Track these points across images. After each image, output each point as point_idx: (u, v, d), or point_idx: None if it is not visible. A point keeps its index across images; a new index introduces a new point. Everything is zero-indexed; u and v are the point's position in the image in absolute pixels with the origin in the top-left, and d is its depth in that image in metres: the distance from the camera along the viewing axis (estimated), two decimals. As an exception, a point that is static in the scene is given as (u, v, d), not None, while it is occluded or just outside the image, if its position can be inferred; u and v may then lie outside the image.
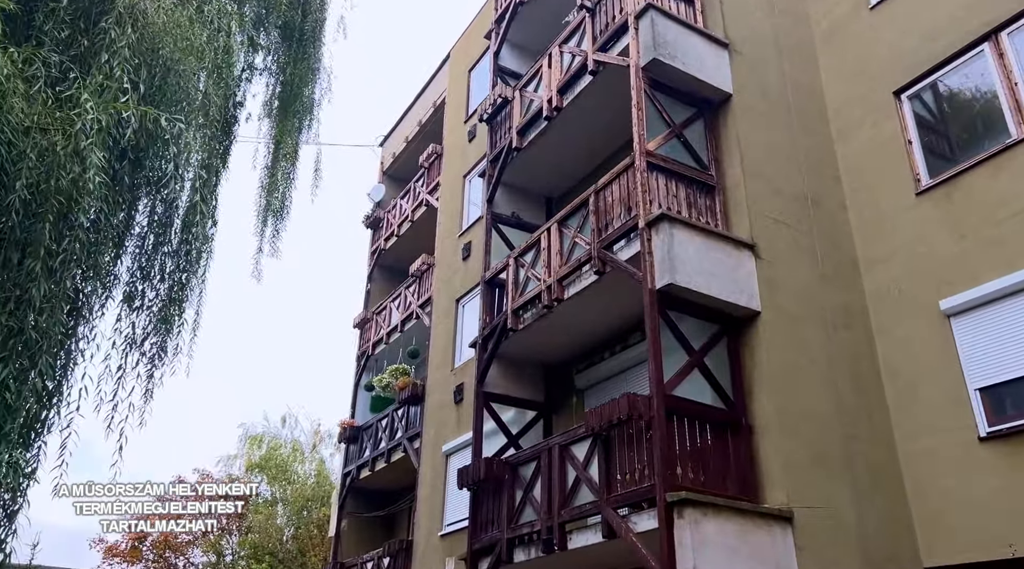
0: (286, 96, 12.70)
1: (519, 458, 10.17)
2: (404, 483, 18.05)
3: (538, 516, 9.37)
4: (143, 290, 7.42)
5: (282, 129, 12.39)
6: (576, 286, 10.09)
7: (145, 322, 7.36)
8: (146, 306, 7.42)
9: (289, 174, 13.37)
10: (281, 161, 13.24)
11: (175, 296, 7.61)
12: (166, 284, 7.55)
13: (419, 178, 20.11)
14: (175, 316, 7.51)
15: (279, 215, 13.28)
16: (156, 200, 7.60)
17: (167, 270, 7.60)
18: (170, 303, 7.51)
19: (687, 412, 8.29)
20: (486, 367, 11.63)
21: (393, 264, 21.61)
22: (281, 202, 13.34)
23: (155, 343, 7.39)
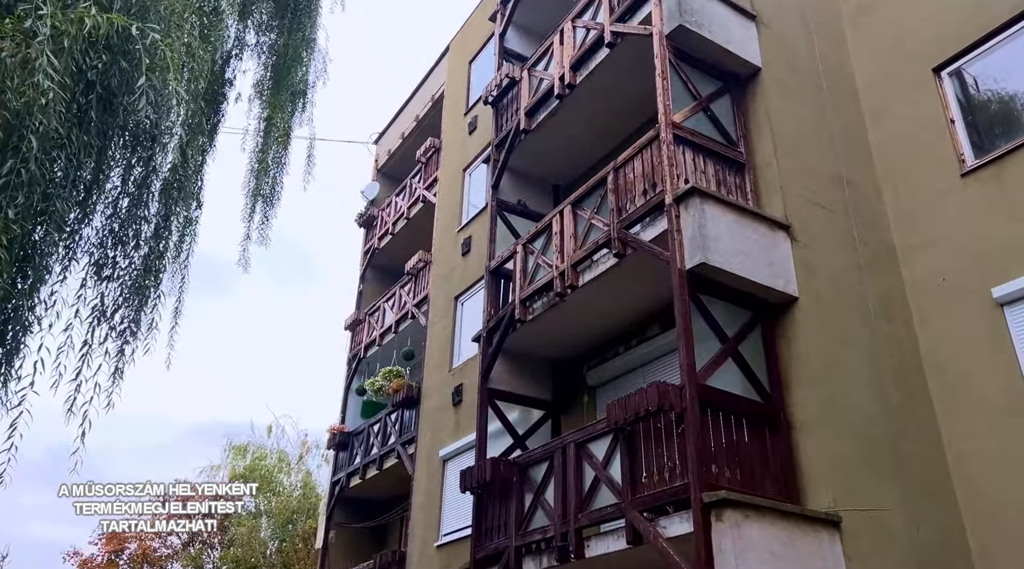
0: (279, 75, 11.87)
1: (529, 458, 9.31)
2: (397, 492, 17.12)
3: (551, 521, 8.50)
4: (114, 258, 6.55)
5: (274, 108, 11.57)
6: (592, 272, 9.28)
7: (116, 293, 6.48)
8: (117, 275, 6.55)
9: (280, 158, 12.52)
10: (272, 144, 12.41)
11: (151, 266, 6.74)
12: (141, 251, 6.69)
13: (416, 174, 19.31)
14: (150, 287, 6.65)
15: (269, 201, 12.41)
16: (133, 158, 6.74)
17: (143, 236, 6.74)
18: (145, 272, 6.65)
19: (721, 404, 7.46)
20: (491, 362, 10.77)
21: (386, 264, 20.78)
22: (271, 187, 12.48)
23: (127, 316, 6.51)
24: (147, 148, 6.70)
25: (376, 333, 18.67)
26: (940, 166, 9.21)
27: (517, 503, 9.16)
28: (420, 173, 19.01)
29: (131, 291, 6.55)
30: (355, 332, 20.05)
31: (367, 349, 19.07)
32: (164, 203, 7.00)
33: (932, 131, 9.48)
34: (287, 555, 27.75)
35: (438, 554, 13.17)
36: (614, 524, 7.98)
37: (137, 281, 6.55)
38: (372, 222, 21.17)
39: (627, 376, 10.54)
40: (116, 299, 6.47)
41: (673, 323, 9.64)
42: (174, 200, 7.04)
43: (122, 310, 6.46)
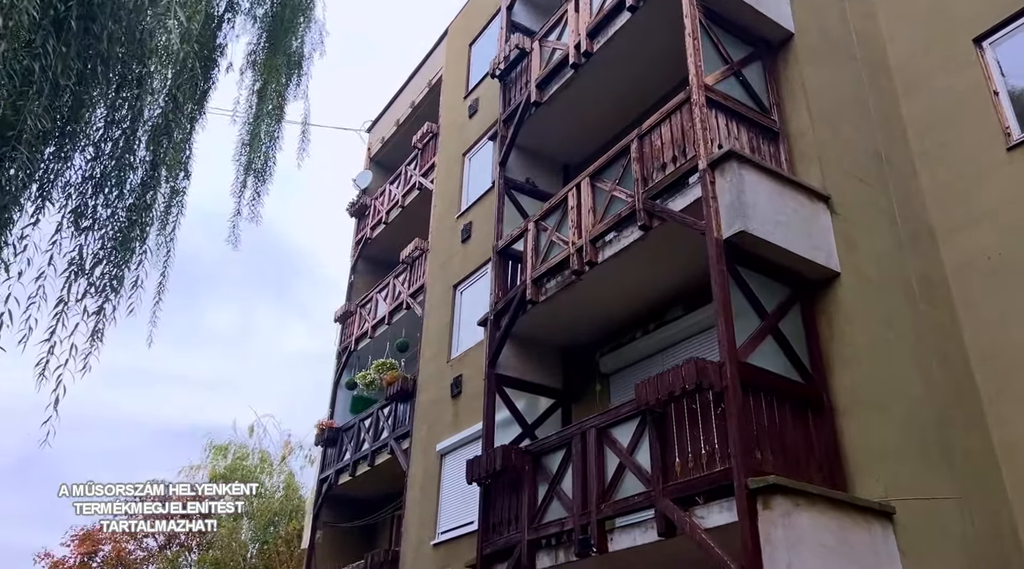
0: (274, 40, 11.16)
1: (543, 446, 8.62)
2: (388, 490, 16.37)
3: (569, 513, 7.82)
4: (95, 207, 5.82)
5: (270, 71, 10.84)
6: (613, 247, 8.63)
7: (96, 246, 5.75)
8: (98, 226, 5.82)
9: (273, 132, 11.76)
10: (265, 117, 11.68)
11: (137, 218, 6.01)
12: (126, 201, 5.96)
13: (411, 161, 18.63)
14: (135, 241, 5.92)
15: (261, 176, 11.64)
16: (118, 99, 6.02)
17: (129, 185, 6.01)
18: (130, 225, 5.92)
19: (762, 384, 6.82)
20: (499, 346, 10.09)
21: (378, 255, 20.06)
22: (264, 162, 11.73)
23: (108, 272, 5.78)
24: (133, 86, 5.99)
25: (368, 325, 17.94)
26: (983, 141, 8.62)
27: (530, 494, 8.47)
28: (416, 159, 18.33)
29: (114, 244, 5.81)
30: (345, 324, 19.31)
31: (358, 342, 18.33)
32: (152, 150, 6.28)
33: (973, 104, 8.91)
34: (269, 558, 26.82)
35: (435, 553, 12.44)
36: (639, 515, 7.33)
37: (121, 233, 5.82)
38: (364, 211, 20.45)
39: (644, 362, 9.88)
40: (96, 253, 5.75)
41: (698, 303, 9.09)
42: (163, 149, 6.32)
43: (103, 265, 5.73)
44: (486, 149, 15.51)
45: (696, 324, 9.21)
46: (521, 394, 10.43)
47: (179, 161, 8.10)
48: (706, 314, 9.04)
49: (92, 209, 5.80)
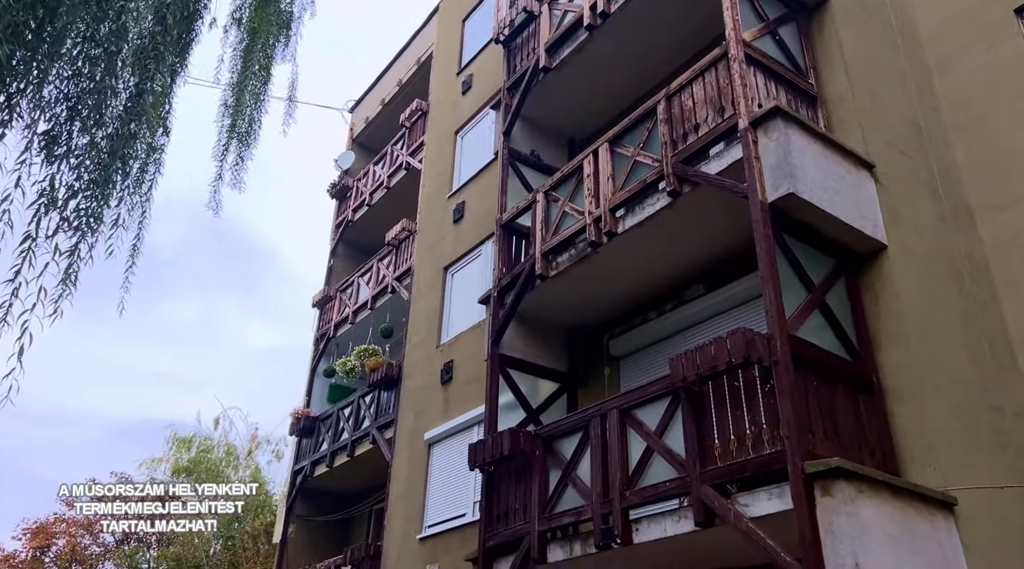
0: (261, 0, 10.35)
1: (556, 429, 7.92)
2: (368, 482, 15.57)
3: (587, 502, 7.13)
4: (71, 132, 5.01)
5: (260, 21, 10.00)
6: (636, 216, 7.97)
7: (71, 177, 4.94)
8: (74, 156, 5.01)
9: (259, 95, 10.94)
10: (251, 78, 10.84)
11: (119, 149, 5.21)
12: (107, 130, 5.15)
13: (398, 140, 17.84)
14: (116, 174, 5.12)
15: (245, 141, 10.79)
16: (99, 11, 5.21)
17: (109, 112, 5.21)
18: (111, 156, 5.11)
19: (812, 360, 6.19)
20: (504, 324, 9.37)
21: (360, 238, 19.25)
22: (248, 126, 10.87)
23: (84, 208, 4.97)
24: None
25: (349, 310, 17.11)
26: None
27: (540, 482, 7.77)
28: (404, 138, 17.55)
29: (92, 177, 5.01)
30: (324, 310, 18.45)
31: (337, 328, 17.49)
32: (138, 74, 5.47)
33: (1014, 77, 8.43)
34: (235, 554, 25.77)
35: (421, 547, 11.68)
36: (668, 504, 6.68)
37: (101, 165, 5.01)
38: (346, 193, 19.61)
39: (658, 346, 9.24)
40: (71, 185, 4.92)
41: (722, 281, 8.48)
42: (150, 73, 5.52)
43: (79, 199, 4.91)
44: (480, 126, 14.81)
45: (718, 304, 8.59)
46: (523, 378, 9.71)
47: (159, 115, 7.32)
48: (730, 293, 8.45)
49: (67, 135, 4.99)
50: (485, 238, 13.13)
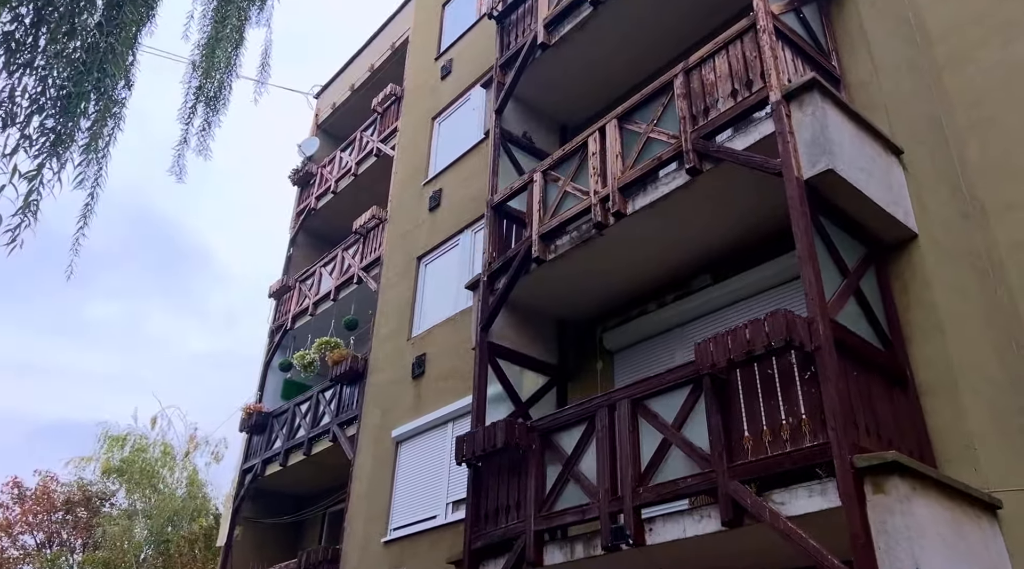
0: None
1: (555, 422, 7.31)
2: (324, 483, 14.72)
3: (593, 499, 6.53)
4: (36, 39, 4.24)
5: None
6: (648, 195, 7.44)
7: (35, 90, 4.17)
8: (41, 67, 4.24)
9: (231, 59, 10.16)
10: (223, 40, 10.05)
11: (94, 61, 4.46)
12: (76, 42, 4.39)
13: (369, 126, 17.11)
14: (90, 87, 4.36)
15: (213, 105, 10.00)
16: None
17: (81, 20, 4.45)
18: (86, 68, 4.36)
19: (851, 348, 5.72)
20: (495, 310, 8.74)
21: (322, 227, 18.43)
22: (217, 89, 10.09)
23: (52, 127, 4.20)
24: None
25: (309, 301, 16.25)
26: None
27: (537, 477, 7.14)
28: (375, 124, 16.83)
29: (60, 92, 4.24)
30: (281, 301, 17.53)
31: (296, 319, 16.61)
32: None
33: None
34: (169, 559, 24.40)
35: (386, 551, 10.92)
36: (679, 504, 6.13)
37: (72, 79, 4.25)
38: (309, 180, 18.75)
39: (656, 339, 8.73)
40: (35, 97, 4.15)
41: (732, 271, 8.02)
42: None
43: (44, 115, 4.14)
44: (460, 113, 14.20)
45: (725, 295, 8.12)
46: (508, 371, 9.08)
47: (121, 66, 6.54)
48: (740, 284, 7.99)
49: (31, 41, 4.22)
50: (464, 227, 12.52)
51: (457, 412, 10.87)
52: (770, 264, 7.70)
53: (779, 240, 7.69)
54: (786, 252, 7.60)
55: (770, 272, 7.71)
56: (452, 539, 9.93)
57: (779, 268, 7.64)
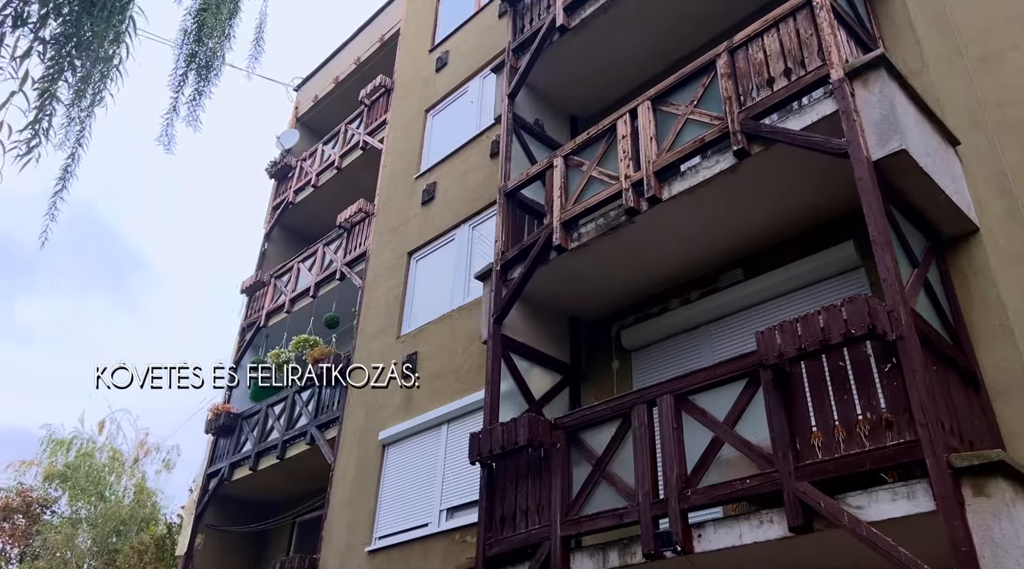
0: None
1: (583, 419, 6.74)
2: (296, 489, 13.91)
3: (631, 502, 5.97)
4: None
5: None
6: (687, 180, 6.96)
7: None
8: None
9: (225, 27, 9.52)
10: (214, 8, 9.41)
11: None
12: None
13: (355, 118, 16.47)
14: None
15: (204, 75, 9.33)
16: None
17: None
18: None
19: (930, 341, 5.27)
20: (510, 300, 8.16)
21: (299, 224, 17.72)
22: (209, 58, 9.44)
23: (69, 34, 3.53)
24: None
25: (285, 298, 15.47)
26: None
27: (563, 478, 6.56)
28: (361, 117, 16.19)
29: None
30: (253, 298, 16.69)
31: (270, 317, 15.80)
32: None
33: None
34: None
35: (371, 561, 10.19)
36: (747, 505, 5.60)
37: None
38: (287, 173, 18.00)
39: (680, 338, 8.23)
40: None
41: (766, 266, 7.57)
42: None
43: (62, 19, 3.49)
44: (456, 106, 13.68)
45: (757, 293, 7.66)
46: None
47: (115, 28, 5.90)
48: (772, 281, 7.55)
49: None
50: (461, 221, 11.95)
51: (454, 413, 10.24)
52: (807, 260, 7.28)
53: (818, 234, 7.30)
54: (823, 248, 7.21)
55: (806, 268, 7.28)
56: (446, 548, 9.29)
57: (816, 264, 7.23)
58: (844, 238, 7.05)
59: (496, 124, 12.16)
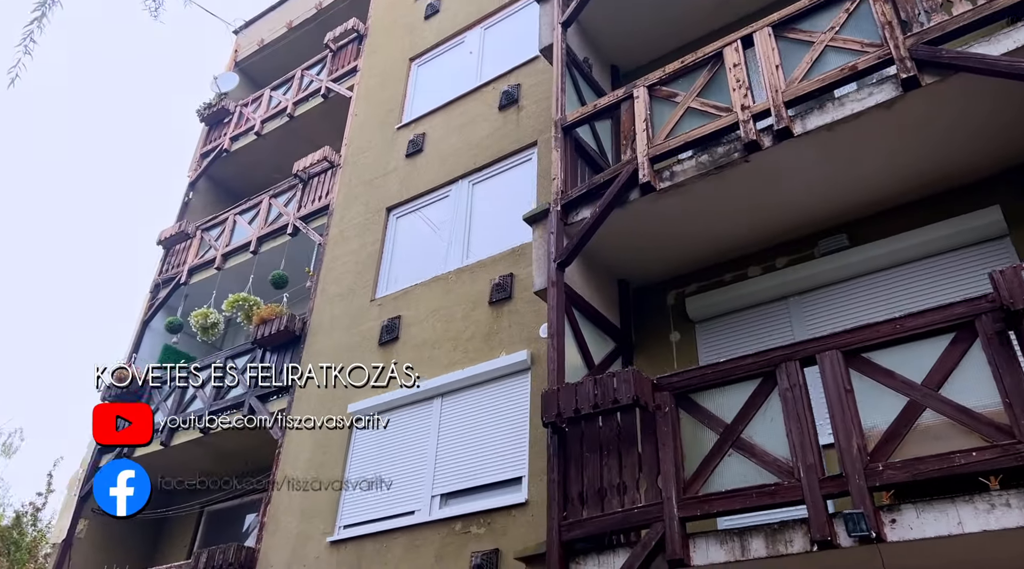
0: None
1: (703, 378, 5.49)
2: (214, 472, 11.80)
3: (787, 478, 4.77)
4: None
5: None
6: (827, 113, 5.94)
7: None
8: None
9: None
10: None
11: None
12: None
13: (315, 64, 14.74)
14: None
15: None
16: None
17: None
18: None
19: None
20: (580, 243, 6.84)
21: (233, 176, 15.75)
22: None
23: None
24: None
25: (216, 253, 13.46)
26: None
27: (676, 449, 5.29)
28: (324, 62, 14.49)
29: None
30: (172, 251, 14.47)
31: (193, 273, 13.69)
32: None
33: None
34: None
35: (334, 553, 8.50)
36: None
37: None
38: (223, 118, 15.91)
39: (758, 310, 7.19)
40: None
41: (879, 232, 6.66)
42: None
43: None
44: (451, 55, 12.37)
45: (861, 263, 6.73)
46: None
47: None
48: (883, 250, 6.65)
49: None
50: (458, 177, 10.58)
51: (451, 386, 8.77)
52: (936, 226, 6.42)
53: (950, 198, 6.48)
54: (954, 214, 6.39)
55: (934, 236, 6.41)
56: (443, 540, 7.78)
57: (949, 231, 6.36)
58: (982, 204, 6.25)
59: (504, 75, 10.99)
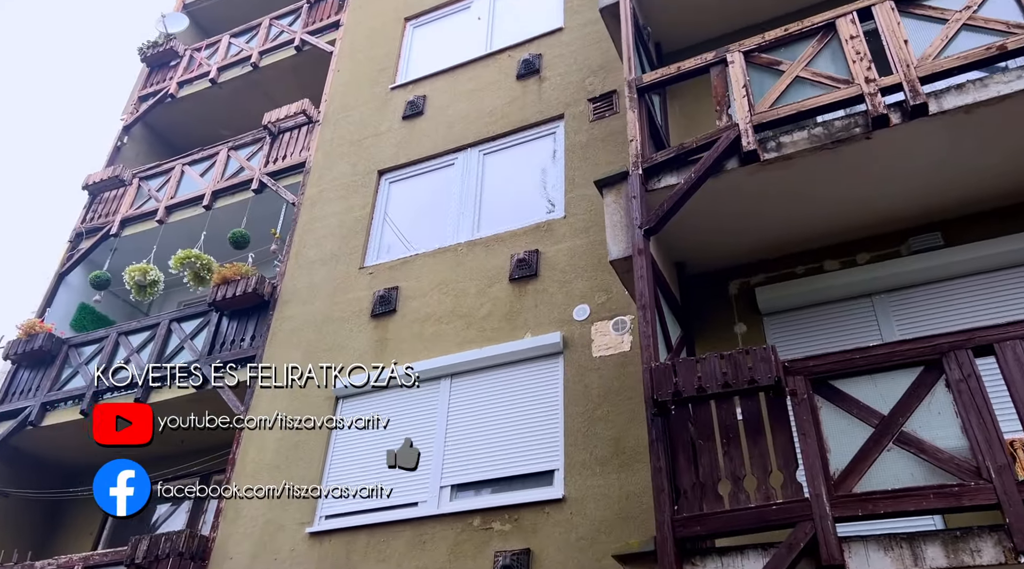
0: None
1: (850, 363, 4.83)
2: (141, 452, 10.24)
3: (969, 479, 4.18)
4: None
5: None
6: (971, 94, 5.47)
7: None
8: None
9: None
10: None
11: None
12: None
13: (288, 14, 13.49)
14: None
15: None
16: None
17: None
18: None
19: None
20: (670, 211, 6.09)
21: (175, 124, 14.24)
22: None
23: None
24: None
25: (159, 205, 11.91)
26: None
27: (817, 439, 4.61)
28: (299, 13, 13.26)
29: None
30: (100, 199, 12.77)
31: (126, 224, 12.08)
32: None
33: None
34: None
35: (315, 546, 7.38)
36: None
37: None
38: (170, 60, 14.32)
39: (837, 306, 6.67)
40: None
41: (979, 234, 6.30)
42: None
43: None
44: (455, 19, 11.58)
45: (953, 265, 6.33)
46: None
47: None
48: (981, 253, 6.27)
49: None
50: (467, 145, 9.71)
51: (462, 367, 7.82)
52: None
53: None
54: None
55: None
56: (457, 536, 6.85)
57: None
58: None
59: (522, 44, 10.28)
